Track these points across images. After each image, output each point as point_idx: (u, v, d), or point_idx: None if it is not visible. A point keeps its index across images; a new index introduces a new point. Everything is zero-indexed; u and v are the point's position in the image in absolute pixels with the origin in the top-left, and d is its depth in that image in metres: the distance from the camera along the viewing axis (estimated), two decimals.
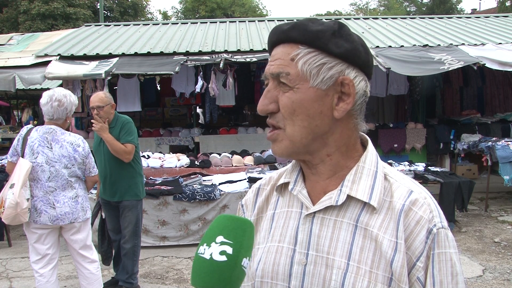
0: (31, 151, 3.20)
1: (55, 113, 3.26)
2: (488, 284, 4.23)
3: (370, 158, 0.91)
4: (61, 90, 3.36)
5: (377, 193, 0.87)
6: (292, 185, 0.95)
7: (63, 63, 7.64)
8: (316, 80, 0.85)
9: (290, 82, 0.85)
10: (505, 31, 9.46)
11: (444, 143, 8.48)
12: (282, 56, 0.86)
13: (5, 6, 23.22)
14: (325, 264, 0.86)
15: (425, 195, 0.87)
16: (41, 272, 3.28)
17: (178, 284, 4.35)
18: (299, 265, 0.89)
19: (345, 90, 0.87)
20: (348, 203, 0.88)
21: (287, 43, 0.87)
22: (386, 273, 0.83)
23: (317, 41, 0.84)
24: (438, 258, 0.83)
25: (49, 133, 3.25)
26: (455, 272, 0.84)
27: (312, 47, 0.85)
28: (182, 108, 10.81)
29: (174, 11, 37.58)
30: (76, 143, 3.30)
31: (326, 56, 0.85)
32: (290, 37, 0.86)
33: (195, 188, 5.44)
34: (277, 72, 0.86)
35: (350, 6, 52.28)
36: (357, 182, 0.88)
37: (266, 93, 0.88)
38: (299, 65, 0.85)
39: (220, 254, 0.71)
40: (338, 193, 0.88)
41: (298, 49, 0.85)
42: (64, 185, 3.25)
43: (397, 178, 0.90)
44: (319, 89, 0.85)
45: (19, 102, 18.30)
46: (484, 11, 29.54)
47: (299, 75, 0.85)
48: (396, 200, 0.86)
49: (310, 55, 0.85)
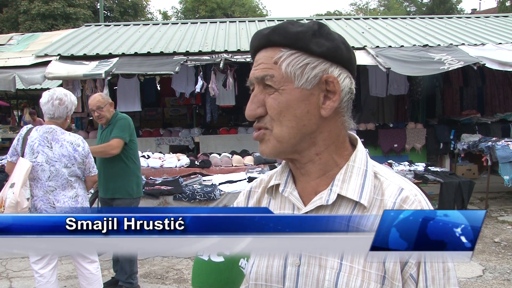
0: (31, 150, 3.20)
1: (56, 112, 3.27)
2: (488, 284, 4.23)
3: (360, 157, 0.91)
4: (61, 89, 3.38)
5: (367, 191, 0.87)
6: (282, 187, 0.96)
7: (63, 63, 7.64)
8: (301, 81, 0.85)
9: (275, 84, 0.86)
10: (505, 31, 9.47)
11: (444, 143, 8.48)
12: (265, 60, 0.87)
13: (5, 6, 23.24)
14: (318, 265, 0.87)
15: (415, 192, 0.87)
16: (41, 272, 3.27)
17: (178, 284, 4.36)
18: (293, 266, 0.89)
19: (330, 88, 0.87)
20: (340, 203, 0.88)
21: (269, 47, 0.88)
22: (379, 272, 0.83)
23: (298, 42, 0.85)
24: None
25: (49, 132, 3.25)
26: (446, 267, 0.84)
27: (294, 49, 0.86)
28: (182, 108, 10.81)
29: (174, 11, 37.60)
30: (76, 143, 3.31)
31: (308, 56, 0.86)
32: (271, 41, 0.87)
33: (195, 188, 5.44)
34: (262, 75, 0.87)
35: (350, 6, 52.29)
36: (347, 181, 0.88)
37: (253, 98, 0.89)
38: (282, 67, 0.85)
39: (218, 255, 0.71)
40: (329, 193, 0.88)
41: (280, 52, 0.86)
42: (64, 185, 3.25)
43: (387, 176, 0.90)
44: (304, 89, 0.86)
45: (19, 102, 18.32)
46: (484, 11, 29.55)
47: (284, 77, 0.85)
48: (387, 198, 0.87)
49: (292, 57, 0.85)
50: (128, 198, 3.98)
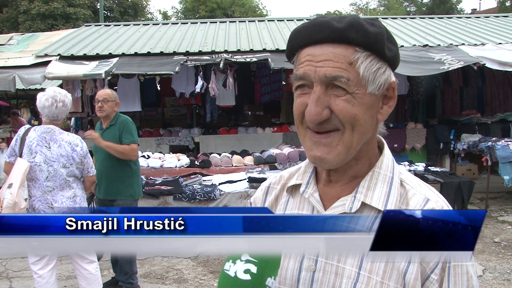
0: (29, 150, 3.19)
1: (59, 114, 3.27)
2: (488, 284, 4.23)
3: (386, 163, 0.87)
4: (59, 90, 3.35)
5: (392, 201, 0.83)
6: (304, 187, 0.92)
7: (63, 63, 7.64)
8: (373, 86, 0.81)
9: (350, 87, 0.79)
10: (505, 31, 9.47)
11: (444, 143, 8.48)
12: (336, 58, 0.79)
13: (5, 6, 23.24)
14: (334, 272, 0.83)
15: (442, 204, 0.84)
16: (40, 273, 3.27)
17: (178, 284, 4.36)
18: (308, 271, 0.86)
19: (388, 93, 0.85)
20: (362, 210, 0.84)
21: (343, 43, 0.79)
22: (398, 285, 0.79)
23: (376, 44, 0.80)
24: (454, 271, 0.79)
25: (48, 132, 3.25)
26: (471, 285, 0.80)
27: (369, 51, 0.80)
28: (182, 108, 10.81)
29: (174, 11, 37.60)
30: (74, 143, 3.30)
31: (380, 60, 0.81)
32: (346, 38, 0.79)
33: (195, 188, 5.44)
34: (335, 75, 0.78)
35: (350, 6, 52.23)
36: (372, 189, 0.84)
37: (317, 100, 0.79)
38: (360, 70, 0.79)
39: (245, 272, 0.70)
40: (352, 200, 0.84)
41: (356, 52, 0.79)
42: (62, 185, 3.25)
43: (414, 185, 0.87)
44: (373, 95, 0.82)
45: (19, 102, 18.33)
46: (484, 11, 29.55)
47: (359, 80, 0.79)
48: (411, 208, 0.83)
49: (369, 59, 0.80)
50: (130, 199, 3.98)
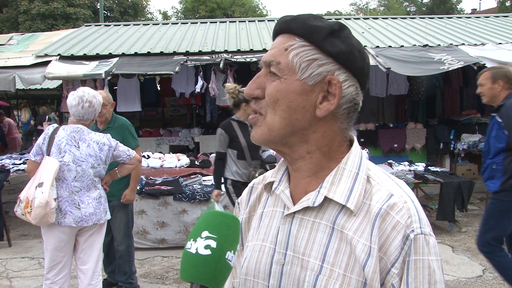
0: (58, 150, 3.11)
1: (85, 114, 3.20)
2: (488, 284, 4.23)
3: (352, 159, 0.89)
4: (89, 90, 3.28)
5: (355, 195, 0.85)
6: (276, 185, 0.95)
7: (63, 63, 7.63)
8: (304, 74, 0.85)
9: (279, 71, 0.86)
10: (505, 31, 9.47)
11: (444, 143, 8.49)
12: (278, 45, 0.88)
13: (5, 6, 23.26)
14: (300, 265, 0.86)
15: (406, 199, 0.84)
16: (53, 279, 3.19)
17: (178, 284, 4.36)
18: (278, 265, 0.89)
19: (331, 90, 0.85)
20: (327, 205, 0.87)
21: (286, 33, 0.88)
22: (360, 278, 0.81)
23: (313, 35, 0.85)
24: (415, 265, 0.79)
25: (77, 132, 3.18)
26: (433, 280, 0.80)
27: (308, 41, 0.85)
28: (182, 108, 10.81)
29: (174, 11, 37.63)
30: (101, 142, 3.23)
31: (319, 53, 0.85)
32: (289, 28, 0.87)
33: (195, 188, 5.44)
34: (269, 60, 0.87)
35: (350, 6, 52.28)
36: (336, 184, 0.86)
37: (256, 79, 0.90)
38: (290, 56, 0.85)
39: (205, 248, 0.73)
40: (316, 194, 0.87)
41: (293, 40, 0.86)
42: (89, 185, 3.18)
43: (380, 181, 0.87)
44: (305, 84, 0.85)
45: (19, 102, 18.33)
46: (484, 11, 29.56)
47: (289, 65, 0.85)
48: (374, 203, 0.84)
49: (303, 48, 0.85)
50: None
